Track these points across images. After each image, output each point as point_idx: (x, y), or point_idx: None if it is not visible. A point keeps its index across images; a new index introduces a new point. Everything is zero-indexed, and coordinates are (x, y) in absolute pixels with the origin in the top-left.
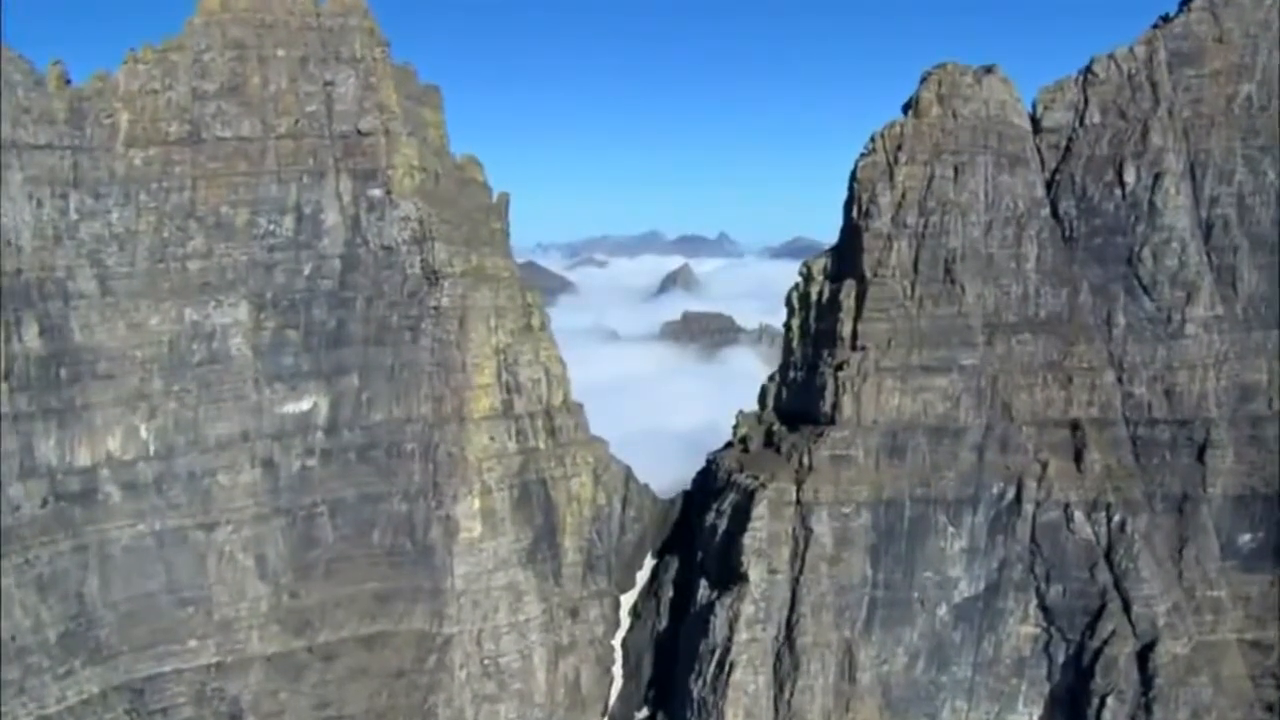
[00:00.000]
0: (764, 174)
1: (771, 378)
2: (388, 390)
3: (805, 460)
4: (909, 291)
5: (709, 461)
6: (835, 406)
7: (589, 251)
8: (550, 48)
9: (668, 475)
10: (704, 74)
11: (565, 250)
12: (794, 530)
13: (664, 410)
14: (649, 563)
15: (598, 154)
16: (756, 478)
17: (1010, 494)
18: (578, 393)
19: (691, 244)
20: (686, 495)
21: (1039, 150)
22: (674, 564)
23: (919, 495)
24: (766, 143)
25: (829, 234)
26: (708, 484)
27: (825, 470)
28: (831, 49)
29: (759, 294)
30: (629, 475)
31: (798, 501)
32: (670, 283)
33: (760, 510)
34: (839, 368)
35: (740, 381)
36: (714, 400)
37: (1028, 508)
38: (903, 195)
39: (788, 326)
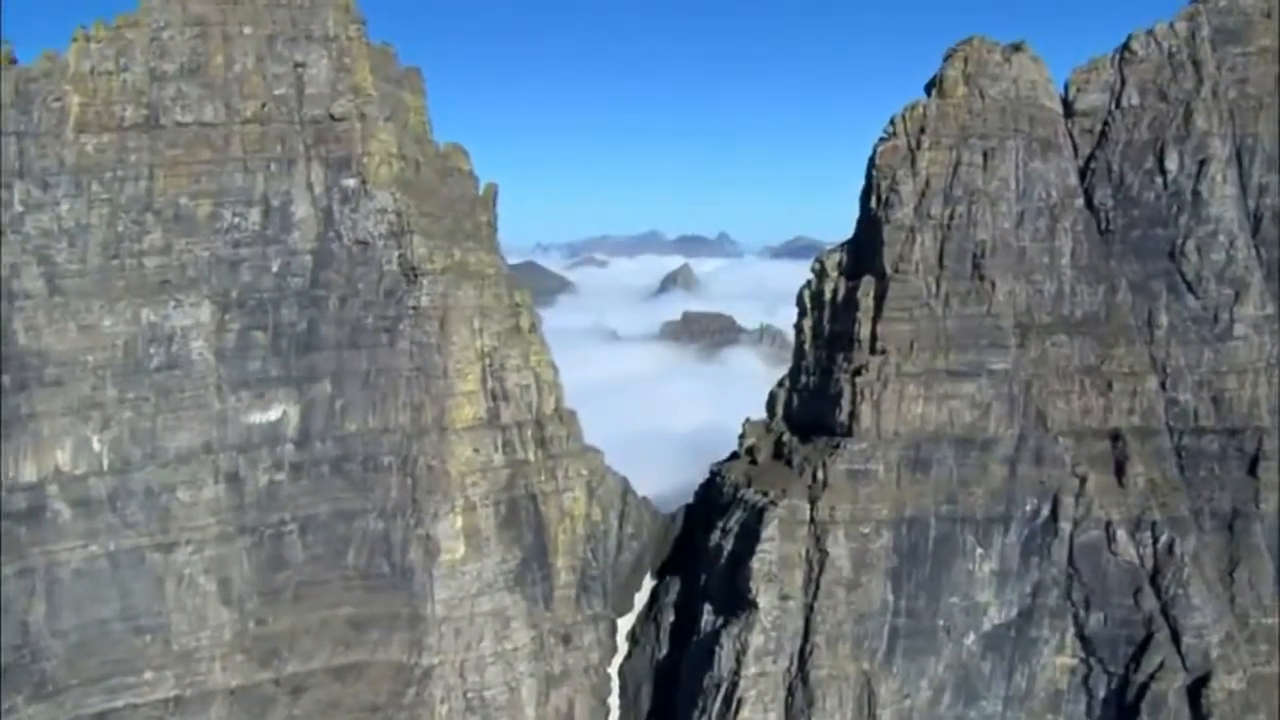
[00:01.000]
0: (764, 174)
1: (781, 383)
2: (363, 398)
3: (819, 475)
4: (934, 289)
5: (713, 473)
6: (852, 416)
7: (589, 251)
8: (551, 46)
9: (668, 480)
10: (705, 73)
11: (565, 250)
12: (807, 552)
13: (664, 412)
14: (648, 584)
15: (598, 153)
16: (766, 493)
17: (1045, 511)
18: (576, 394)
19: (692, 244)
20: (689, 510)
21: (1071, 135)
22: (675, 586)
23: (945, 513)
24: (767, 142)
25: (829, 234)
26: (712, 498)
27: (842, 486)
28: (834, 48)
29: (759, 294)
30: (626, 488)
31: (811, 520)
32: (670, 282)
33: (770, 530)
34: (856, 373)
35: (741, 382)
36: (715, 401)
37: (1065, 527)
38: (926, 183)
39: (799, 328)
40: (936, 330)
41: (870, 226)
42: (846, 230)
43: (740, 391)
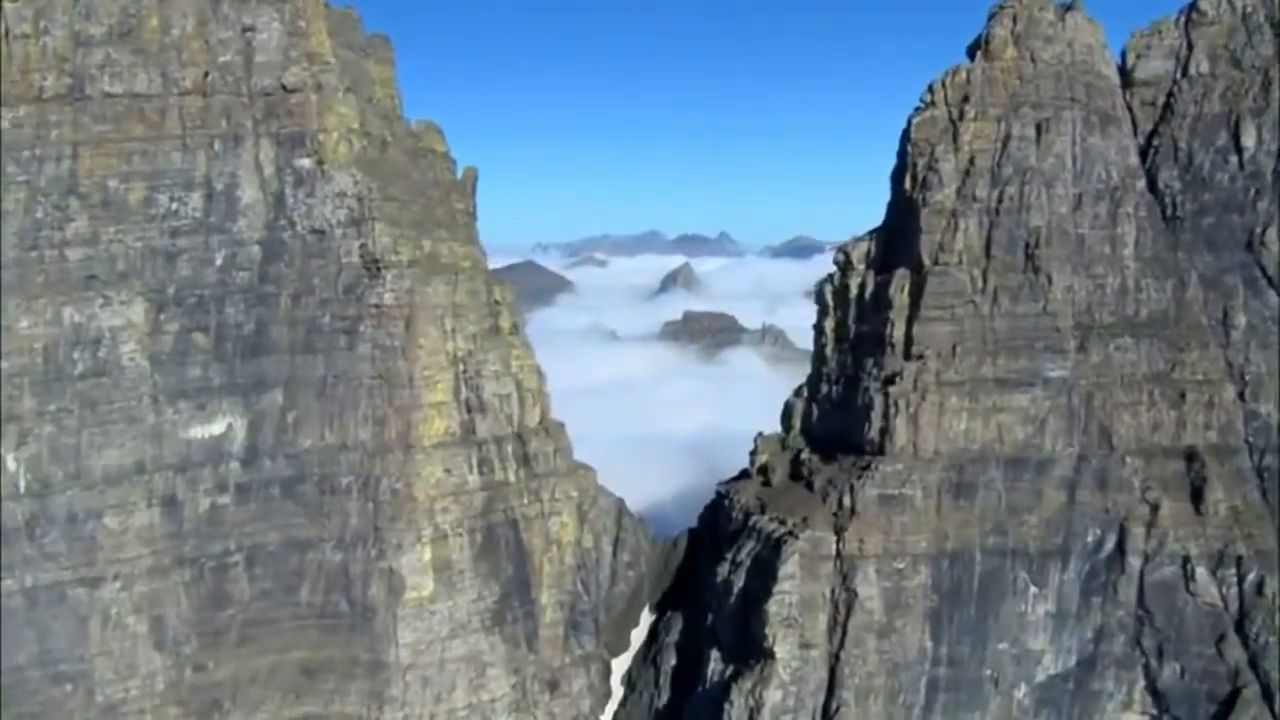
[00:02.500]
0: (764, 172)
1: (798, 392)
2: (318, 410)
3: (846, 501)
4: (979, 283)
5: (720, 494)
6: (884, 432)
7: (589, 251)
8: (552, 43)
9: (669, 486)
10: (705, 71)
11: (565, 250)
12: (832, 592)
13: (664, 414)
14: (646, 619)
15: (599, 152)
16: (783, 522)
17: (1110, 544)
18: (574, 396)
19: (692, 243)
20: (692, 535)
21: (1130, 108)
22: (677, 624)
23: (992, 546)
24: (766, 141)
25: (831, 233)
26: (719, 523)
27: (873, 514)
28: (835, 46)
29: (759, 294)
30: (621, 510)
31: (837, 555)
32: (670, 282)
33: (789, 567)
34: (888, 381)
35: (743, 383)
36: (717, 403)
37: (1133, 562)
38: (970, 160)
39: (819, 329)
40: (983, 331)
41: (904, 211)
42: (848, 229)
43: (742, 393)
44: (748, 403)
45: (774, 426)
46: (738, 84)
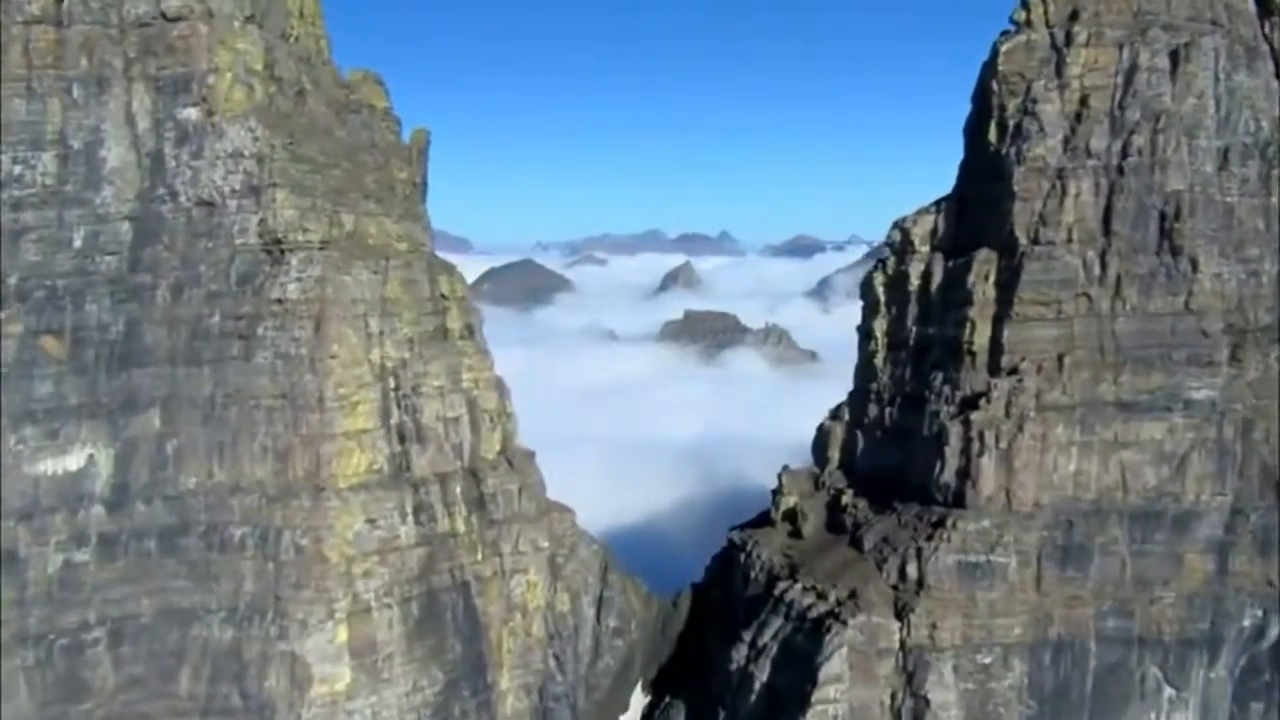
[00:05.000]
0: (765, 172)
1: (836, 414)
2: (205, 439)
3: (911, 569)
4: (1096, 270)
5: (733, 544)
6: (964, 474)
7: (589, 249)
8: (553, 42)
9: (668, 493)
10: (706, 71)
11: (565, 249)
12: (894, 698)
13: (663, 417)
14: (638, 702)
15: (599, 152)
16: (823, 595)
17: (1275, 629)
18: (569, 399)
19: (693, 242)
20: (697, 593)
21: (1270, 43)
22: (679, 713)
23: (1113, 631)
24: (766, 140)
25: (832, 232)
26: (733, 583)
27: (949, 589)
28: (836, 46)
29: (760, 293)
30: (607, 562)
31: (901, 646)
32: (671, 280)
33: (835, 664)
34: (968, 405)
35: (745, 385)
36: (717, 406)
37: None
38: (1082, 101)
39: (866, 332)
40: (1101, 336)
41: (986, 172)
42: (850, 229)
43: (744, 395)
44: (749, 405)
45: (776, 430)
46: (739, 83)
